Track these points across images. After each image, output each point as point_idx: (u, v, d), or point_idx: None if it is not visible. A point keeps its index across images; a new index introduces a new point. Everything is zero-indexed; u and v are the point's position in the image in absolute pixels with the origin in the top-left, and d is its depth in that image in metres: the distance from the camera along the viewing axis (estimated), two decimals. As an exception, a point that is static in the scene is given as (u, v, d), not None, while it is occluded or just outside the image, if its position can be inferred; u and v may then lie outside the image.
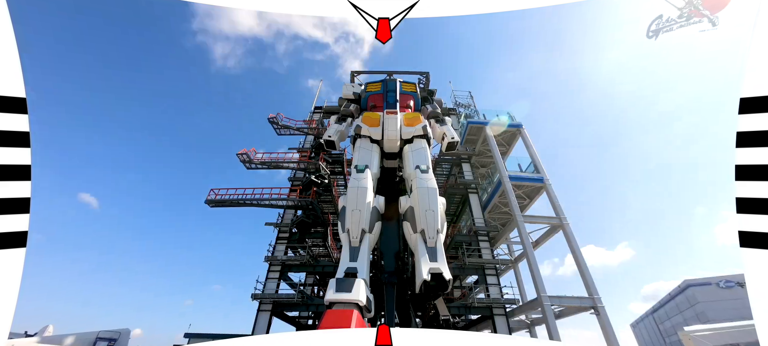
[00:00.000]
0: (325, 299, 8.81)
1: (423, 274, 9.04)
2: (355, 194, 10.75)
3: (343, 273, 9.51)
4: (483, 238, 21.91)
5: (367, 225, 10.39)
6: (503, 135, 26.84)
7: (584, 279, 17.95)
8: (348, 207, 10.59)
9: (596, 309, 16.90)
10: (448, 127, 13.77)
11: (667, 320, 34.21)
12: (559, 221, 20.40)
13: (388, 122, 13.06)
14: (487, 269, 20.38)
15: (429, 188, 10.72)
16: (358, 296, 8.63)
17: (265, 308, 18.68)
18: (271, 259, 20.22)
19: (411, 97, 15.19)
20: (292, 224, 21.92)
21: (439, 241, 10.01)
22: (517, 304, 19.63)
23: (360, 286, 8.86)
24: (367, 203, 10.62)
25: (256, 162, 22.15)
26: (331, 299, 8.65)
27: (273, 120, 24.58)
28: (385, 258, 13.00)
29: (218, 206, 20.99)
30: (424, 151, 12.27)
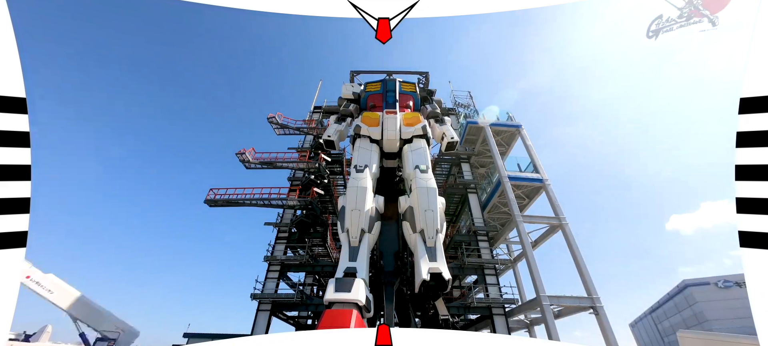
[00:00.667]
0: (325, 299, 8.80)
1: (422, 274, 9.04)
2: (354, 194, 10.74)
3: (343, 273, 9.50)
4: (482, 238, 21.92)
5: (366, 225, 10.38)
6: (502, 135, 26.88)
7: (583, 279, 17.98)
8: (347, 207, 10.58)
9: (595, 309, 16.94)
10: (448, 127, 13.77)
11: (666, 320, 34.23)
12: (558, 221, 20.43)
13: (387, 122, 13.06)
14: (487, 268, 20.39)
15: (428, 187, 10.71)
16: (358, 295, 8.62)
17: (264, 307, 18.67)
18: (270, 259, 20.21)
19: (410, 97, 15.18)
20: (291, 223, 21.90)
21: (439, 241, 10.01)
22: (516, 304, 19.65)
23: (359, 286, 8.85)
24: (367, 203, 10.62)
25: (255, 162, 22.13)
26: (330, 299, 8.64)
27: (272, 119, 24.56)
28: (385, 258, 13.01)
29: (217, 206, 20.96)
30: (424, 151, 12.27)
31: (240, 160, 21.77)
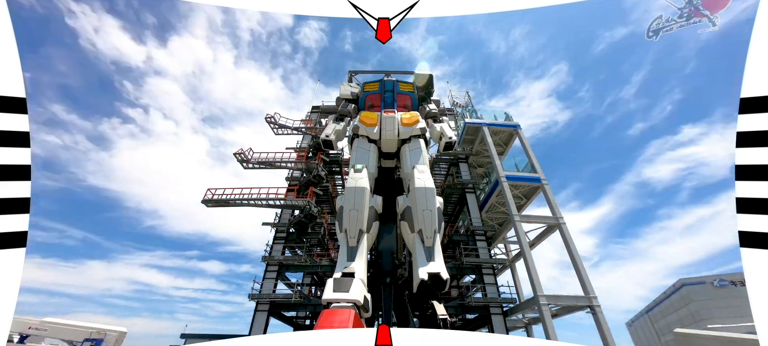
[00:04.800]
0: (323, 299, 8.75)
1: (420, 274, 9.03)
2: (352, 194, 10.63)
3: (341, 273, 9.47)
4: (480, 238, 21.99)
5: (364, 225, 10.31)
6: (500, 135, 26.99)
7: (580, 278, 18.07)
8: (345, 207, 10.51)
9: (592, 308, 17.02)
10: (446, 126, 13.75)
11: (662, 319, 34.44)
12: (555, 221, 20.51)
13: (386, 122, 13.03)
14: (485, 268, 20.44)
15: (426, 187, 10.68)
16: (356, 295, 8.60)
17: (262, 308, 18.65)
18: (268, 259, 20.17)
19: (409, 97, 15.16)
20: (289, 224, 21.86)
21: (437, 241, 9.97)
22: (514, 303, 19.72)
23: (358, 286, 8.82)
24: (365, 203, 10.56)
25: (253, 162, 22.08)
26: (328, 299, 8.59)
27: (270, 119, 24.52)
28: (383, 258, 13.00)
29: (215, 206, 20.87)
30: (422, 150, 12.25)
31: (238, 159, 21.71)
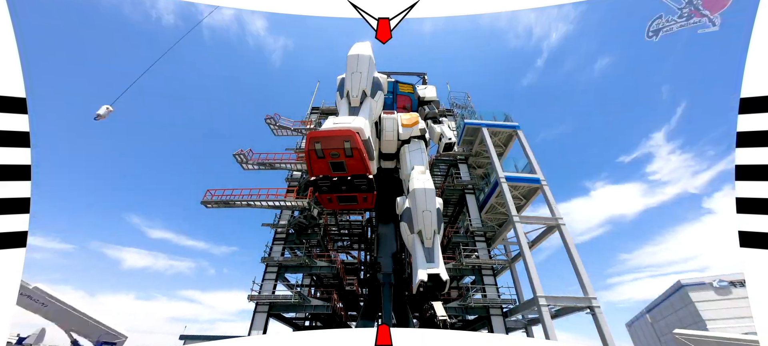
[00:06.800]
0: (323, 127, 8.22)
1: (420, 275, 9.02)
2: (355, 60, 9.71)
3: None
4: (480, 238, 22.00)
5: (368, 86, 9.62)
6: (500, 136, 26.98)
7: (580, 278, 18.06)
8: (347, 71, 9.64)
9: (591, 309, 17.01)
10: (445, 128, 13.78)
11: (662, 319, 34.51)
12: (555, 222, 20.50)
13: (385, 123, 13.05)
14: (484, 269, 20.45)
15: (426, 188, 10.66)
16: (359, 123, 8.12)
17: (261, 309, 18.62)
18: (267, 260, 20.15)
19: (408, 98, 15.21)
20: (288, 225, 21.85)
21: (436, 242, 9.97)
22: (513, 304, 19.71)
23: (361, 119, 8.31)
24: (367, 68, 9.75)
25: (253, 162, 22.07)
26: (329, 128, 8.04)
27: (270, 120, 24.52)
28: (383, 259, 12.99)
29: (214, 207, 20.84)
30: (421, 152, 12.27)
31: (237, 160, 21.71)
